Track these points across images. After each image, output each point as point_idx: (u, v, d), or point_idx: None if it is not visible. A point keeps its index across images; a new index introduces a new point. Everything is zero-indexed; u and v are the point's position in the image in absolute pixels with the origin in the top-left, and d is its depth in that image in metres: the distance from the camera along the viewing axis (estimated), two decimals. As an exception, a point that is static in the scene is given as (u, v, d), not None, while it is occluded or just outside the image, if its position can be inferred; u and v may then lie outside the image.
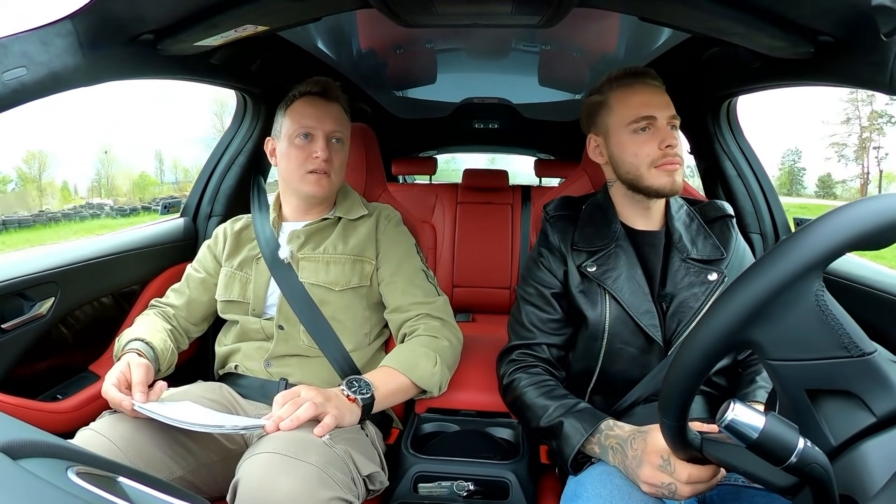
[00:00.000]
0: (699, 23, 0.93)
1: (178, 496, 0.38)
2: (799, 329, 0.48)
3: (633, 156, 0.95)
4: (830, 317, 0.47)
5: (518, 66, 1.97)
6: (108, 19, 0.85)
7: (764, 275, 0.47)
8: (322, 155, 1.06)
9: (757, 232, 1.45)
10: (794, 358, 0.49)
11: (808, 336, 0.48)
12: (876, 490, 0.42)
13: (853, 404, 0.48)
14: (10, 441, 0.34)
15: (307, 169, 1.07)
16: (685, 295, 0.92)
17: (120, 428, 0.84)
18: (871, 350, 0.47)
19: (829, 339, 0.47)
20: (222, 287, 1.13)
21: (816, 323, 0.47)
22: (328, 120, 1.09)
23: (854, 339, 0.47)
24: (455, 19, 1.04)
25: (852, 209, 0.45)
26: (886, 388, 0.47)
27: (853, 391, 0.48)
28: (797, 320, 0.48)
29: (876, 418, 0.46)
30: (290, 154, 1.09)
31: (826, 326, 0.47)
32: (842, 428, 0.47)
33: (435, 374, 1.01)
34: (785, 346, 0.48)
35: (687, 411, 0.54)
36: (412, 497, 0.92)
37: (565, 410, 0.84)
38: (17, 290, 0.99)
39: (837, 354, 0.47)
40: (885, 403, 0.46)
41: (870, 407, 0.47)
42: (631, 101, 0.95)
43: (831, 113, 61.96)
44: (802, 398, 0.49)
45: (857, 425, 0.47)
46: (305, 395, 0.84)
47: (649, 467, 0.69)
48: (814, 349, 0.48)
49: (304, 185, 1.09)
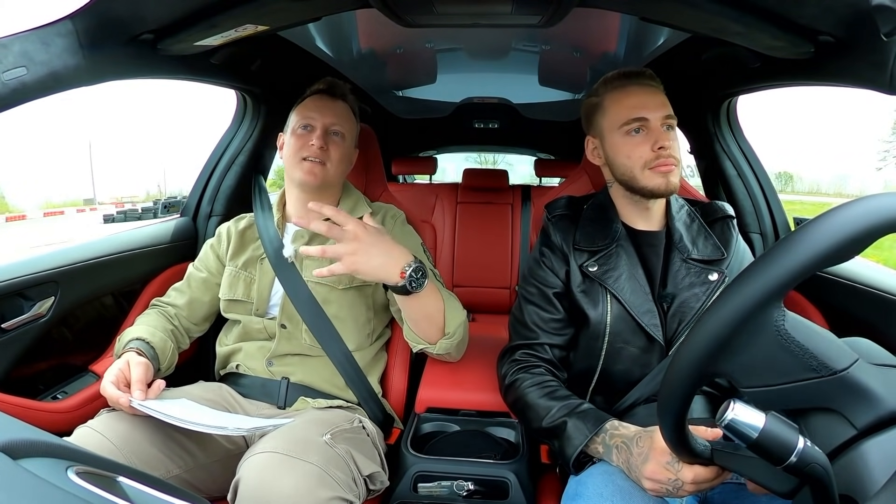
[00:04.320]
0: (699, 23, 0.93)
1: (179, 496, 0.38)
2: (764, 358, 0.48)
3: (626, 157, 0.95)
4: (793, 343, 0.47)
5: (518, 66, 1.97)
6: (108, 19, 0.85)
7: (721, 311, 0.47)
8: (317, 143, 1.07)
9: (757, 232, 1.45)
10: (764, 384, 0.49)
11: (774, 363, 0.48)
12: (876, 490, 0.42)
13: (834, 419, 0.48)
14: (10, 441, 0.34)
15: (302, 156, 1.08)
16: (686, 295, 0.92)
17: (117, 426, 0.84)
18: (844, 366, 0.47)
19: (796, 364, 0.48)
20: (226, 287, 1.13)
21: (780, 351, 0.48)
22: (328, 113, 1.11)
23: (822, 359, 0.47)
24: (455, 19, 1.04)
25: (802, 236, 0.45)
26: (864, 400, 0.47)
27: (831, 407, 0.48)
28: (760, 351, 0.48)
29: (857, 430, 0.47)
30: (290, 143, 1.12)
31: (790, 353, 0.48)
32: (826, 442, 0.48)
33: (460, 317, 1.03)
34: (753, 375, 0.49)
35: (683, 424, 0.55)
36: (412, 497, 0.92)
37: (569, 411, 0.84)
38: (17, 289, 0.99)
39: (807, 377, 0.48)
40: (864, 416, 0.46)
41: (850, 420, 0.47)
42: (624, 103, 0.95)
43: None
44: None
45: (839, 438, 0.47)
46: (349, 241, 0.87)
47: (655, 464, 0.69)
48: (782, 374, 0.48)
49: (298, 171, 1.09)
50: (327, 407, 1.03)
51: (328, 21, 1.08)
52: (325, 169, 1.09)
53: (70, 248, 1.15)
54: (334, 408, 1.04)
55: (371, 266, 0.87)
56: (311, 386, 1.06)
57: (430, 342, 1.02)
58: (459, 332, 1.03)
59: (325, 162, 1.09)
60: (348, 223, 0.86)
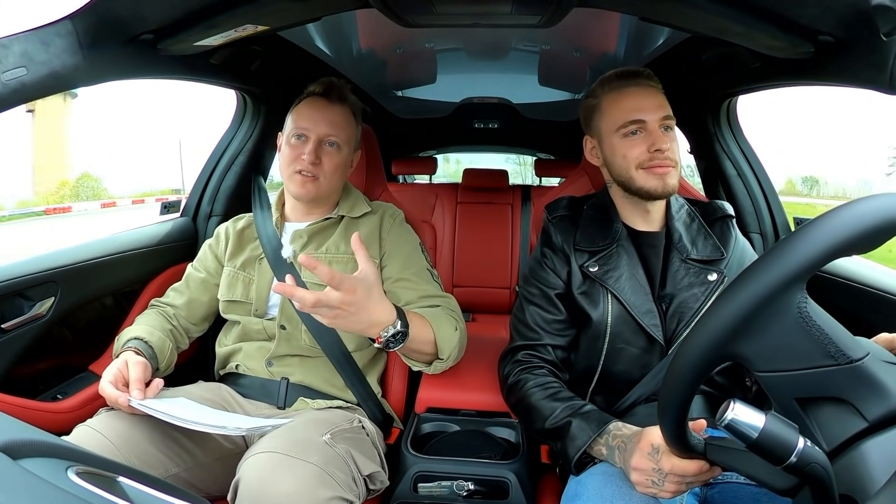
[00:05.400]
0: (699, 23, 0.93)
1: (179, 496, 0.38)
2: (783, 341, 0.48)
3: (622, 158, 0.95)
4: (814, 327, 0.47)
5: (518, 66, 1.97)
6: (108, 19, 0.85)
7: (744, 291, 0.47)
8: (308, 158, 1.05)
9: (757, 231, 1.45)
10: (780, 369, 0.49)
11: (792, 347, 0.48)
12: (876, 490, 0.42)
13: (845, 410, 0.48)
14: (10, 441, 0.34)
15: (294, 169, 1.07)
16: (685, 295, 0.92)
17: (116, 425, 0.84)
18: (860, 356, 0.47)
19: (814, 349, 0.48)
20: (225, 287, 1.13)
21: (800, 334, 0.48)
22: (323, 123, 1.09)
23: (841, 347, 0.47)
24: (455, 19, 1.04)
25: (832, 218, 0.45)
26: (877, 392, 0.47)
27: (844, 398, 0.48)
28: (781, 333, 0.48)
29: (868, 423, 0.46)
30: (284, 152, 1.11)
31: (810, 337, 0.47)
32: (834, 434, 0.48)
33: (453, 338, 0.99)
34: (771, 359, 0.49)
35: (685, 417, 0.55)
36: (412, 497, 0.92)
37: (572, 412, 0.84)
38: (17, 290, 0.99)
39: (824, 363, 0.47)
40: (876, 408, 0.46)
41: (861, 412, 0.47)
42: (621, 105, 0.95)
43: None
44: (793, 406, 0.50)
45: (849, 430, 0.47)
46: (330, 304, 0.75)
47: (639, 454, 0.69)
48: (800, 360, 0.48)
49: (291, 184, 1.09)
50: (326, 407, 1.03)
51: (328, 21, 1.08)
52: (318, 183, 1.08)
53: (70, 249, 1.15)
54: (333, 408, 1.04)
55: (350, 329, 0.82)
56: (310, 386, 1.06)
57: (425, 364, 1.02)
58: (454, 354, 1.01)
59: (318, 176, 1.07)
60: (342, 286, 0.76)
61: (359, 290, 0.77)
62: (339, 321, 0.78)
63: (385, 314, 0.84)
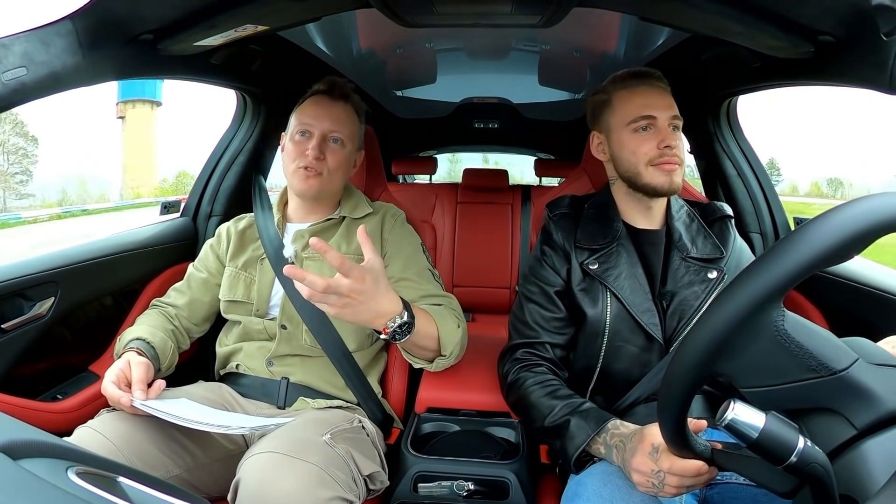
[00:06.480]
0: (699, 22, 0.93)
1: (179, 496, 0.38)
2: (763, 358, 0.48)
3: (631, 153, 0.96)
4: (793, 343, 0.47)
5: (518, 66, 1.97)
6: (108, 19, 0.85)
7: (720, 312, 0.47)
8: (312, 153, 1.06)
9: (757, 231, 1.45)
10: (763, 385, 0.49)
11: (773, 364, 0.48)
12: (876, 490, 0.42)
13: (834, 419, 0.48)
14: (10, 441, 0.34)
15: (298, 165, 1.07)
16: (685, 293, 0.92)
17: (117, 426, 0.84)
18: (844, 366, 0.47)
19: (794, 364, 0.47)
20: (226, 287, 1.13)
21: (779, 352, 0.47)
22: (326, 119, 1.09)
23: (822, 359, 0.47)
24: (455, 19, 1.04)
25: (804, 233, 0.44)
26: (864, 400, 0.46)
27: (831, 407, 0.48)
28: (759, 352, 0.48)
29: (857, 430, 0.46)
30: (288, 149, 1.11)
31: (789, 353, 0.47)
32: (825, 442, 0.48)
33: (456, 335, 0.99)
34: (753, 375, 0.49)
35: (684, 418, 0.55)
36: (412, 497, 0.92)
37: (571, 410, 0.84)
38: (17, 290, 0.99)
39: (806, 377, 0.47)
40: (864, 415, 0.46)
41: (850, 420, 0.47)
42: (633, 101, 0.96)
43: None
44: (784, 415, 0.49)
45: (839, 438, 0.47)
46: (341, 291, 0.75)
47: (640, 454, 0.69)
48: (781, 375, 0.48)
49: (294, 180, 1.09)
50: (327, 407, 1.03)
51: (328, 21, 1.08)
52: (322, 179, 1.08)
53: (70, 249, 1.15)
54: (334, 408, 1.04)
55: (357, 319, 0.81)
56: (310, 386, 1.06)
57: (428, 361, 1.02)
58: (456, 351, 1.01)
59: (322, 171, 1.07)
60: (350, 273, 0.76)
61: (367, 278, 0.77)
62: (346, 310, 0.78)
63: (392, 305, 0.84)
